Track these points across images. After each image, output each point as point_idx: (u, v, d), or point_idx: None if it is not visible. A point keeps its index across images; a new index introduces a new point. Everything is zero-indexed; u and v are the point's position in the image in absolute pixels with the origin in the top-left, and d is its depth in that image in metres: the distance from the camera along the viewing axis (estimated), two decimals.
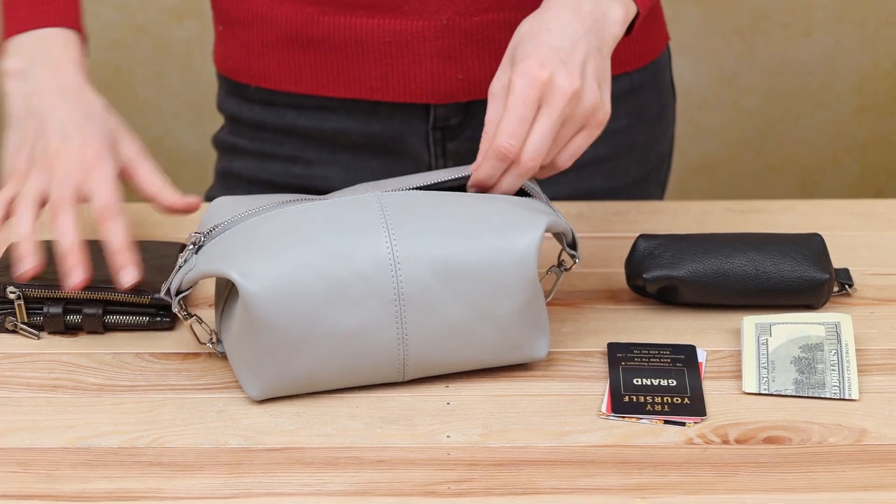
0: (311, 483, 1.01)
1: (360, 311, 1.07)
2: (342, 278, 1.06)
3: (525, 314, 1.10)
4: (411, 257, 1.07)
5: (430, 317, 1.08)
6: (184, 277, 1.09)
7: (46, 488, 1.01)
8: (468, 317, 1.09)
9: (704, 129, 2.57)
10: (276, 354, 1.07)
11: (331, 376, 1.09)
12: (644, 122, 1.46)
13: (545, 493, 1.00)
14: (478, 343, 1.10)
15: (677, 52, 2.48)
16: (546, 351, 1.13)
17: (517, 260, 1.08)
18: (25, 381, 1.13)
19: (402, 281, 1.07)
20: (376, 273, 1.07)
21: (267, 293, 1.05)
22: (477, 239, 1.08)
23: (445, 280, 1.07)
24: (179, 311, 1.11)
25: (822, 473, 1.02)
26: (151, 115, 2.55)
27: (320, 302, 1.06)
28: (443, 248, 1.08)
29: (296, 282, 1.05)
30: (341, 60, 1.35)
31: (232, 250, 1.08)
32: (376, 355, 1.08)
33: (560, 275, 1.17)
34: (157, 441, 1.06)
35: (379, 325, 1.07)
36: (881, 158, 2.60)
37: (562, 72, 1.12)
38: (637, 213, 1.41)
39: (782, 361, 1.14)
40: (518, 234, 1.09)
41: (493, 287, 1.08)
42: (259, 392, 1.09)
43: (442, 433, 1.07)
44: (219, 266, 1.07)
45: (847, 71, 2.53)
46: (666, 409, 1.09)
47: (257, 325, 1.06)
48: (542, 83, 1.12)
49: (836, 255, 1.30)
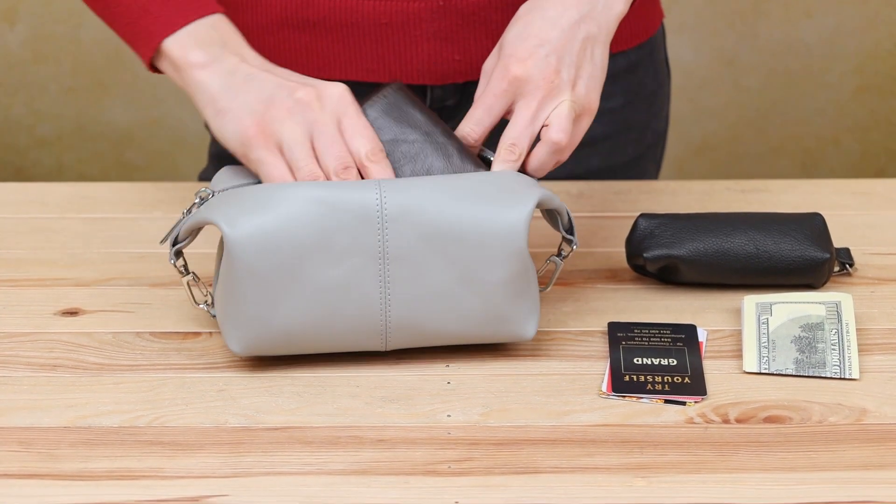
0: (312, 462, 1.01)
1: (344, 265, 1.07)
2: (326, 228, 1.06)
3: (512, 287, 1.10)
4: (399, 216, 1.07)
5: (415, 278, 1.08)
6: (181, 227, 1.10)
7: (47, 467, 1.01)
8: (453, 282, 1.08)
9: (705, 109, 2.56)
10: (258, 304, 1.07)
11: (311, 332, 1.09)
12: (641, 100, 1.46)
13: (546, 472, 1.00)
14: (463, 311, 1.10)
15: (678, 33, 2.47)
16: (534, 331, 1.12)
17: (506, 229, 1.08)
18: (26, 361, 1.13)
19: (388, 239, 1.07)
20: (362, 227, 1.07)
21: (249, 240, 1.06)
22: (468, 205, 1.08)
23: (433, 242, 1.08)
24: (176, 264, 1.11)
25: (822, 453, 1.02)
26: (151, 95, 2.55)
27: (303, 251, 1.06)
28: (433, 210, 1.08)
29: (279, 229, 1.06)
30: (338, 42, 1.35)
31: (227, 203, 1.09)
32: (358, 313, 1.08)
33: (559, 265, 1.17)
34: (157, 420, 1.06)
35: (362, 281, 1.07)
36: (882, 139, 2.60)
37: (538, 67, 1.14)
38: (637, 192, 1.41)
39: (783, 341, 1.14)
40: (509, 205, 1.09)
41: (481, 254, 1.08)
42: (240, 345, 1.09)
43: (442, 412, 1.07)
44: (208, 214, 1.08)
45: (848, 51, 2.53)
46: (666, 388, 1.09)
47: (239, 273, 1.06)
48: (514, 78, 1.14)
49: (836, 235, 1.29)
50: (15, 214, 1.37)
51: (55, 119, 2.56)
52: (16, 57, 2.52)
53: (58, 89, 2.54)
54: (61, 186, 1.44)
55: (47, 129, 2.57)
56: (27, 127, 2.57)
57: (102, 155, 2.60)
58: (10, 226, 1.35)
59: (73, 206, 1.39)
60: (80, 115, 2.56)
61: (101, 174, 2.60)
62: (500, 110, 1.15)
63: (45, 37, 2.50)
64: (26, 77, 2.53)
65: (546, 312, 1.20)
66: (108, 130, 2.58)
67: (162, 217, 1.35)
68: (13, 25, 2.50)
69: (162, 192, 1.41)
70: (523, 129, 1.14)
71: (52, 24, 2.50)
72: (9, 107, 2.55)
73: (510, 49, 1.15)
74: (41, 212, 1.38)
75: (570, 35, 1.15)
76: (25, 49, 2.51)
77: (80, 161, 2.60)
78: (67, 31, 2.50)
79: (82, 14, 2.48)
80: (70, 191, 1.42)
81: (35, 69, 2.53)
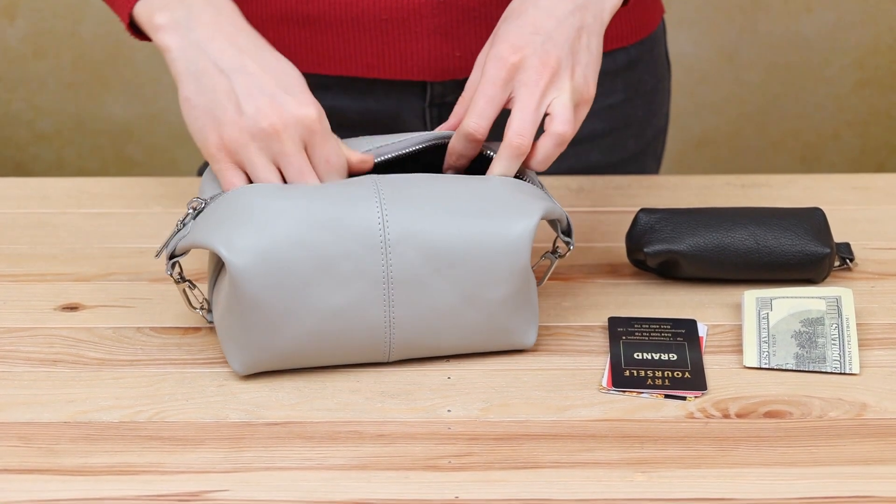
0: (312, 457, 1.01)
1: (348, 290, 1.06)
2: (330, 255, 1.05)
3: (515, 301, 1.10)
4: (403, 239, 1.06)
5: (419, 300, 1.07)
6: (178, 243, 1.09)
7: (47, 462, 1.01)
8: (457, 302, 1.08)
9: (705, 103, 2.56)
10: (261, 329, 1.06)
11: (315, 354, 1.08)
12: (641, 95, 1.46)
13: (546, 468, 1.00)
14: (465, 328, 1.09)
15: (678, 27, 2.47)
16: (534, 338, 1.12)
17: (510, 247, 1.08)
18: (26, 356, 1.13)
19: (392, 263, 1.06)
20: (366, 252, 1.06)
21: (253, 268, 1.04)
22: (471, 223, 1.07)
23: (436, 264, 1.07)
24: (173, 274, 1.10)
25: (822, 447, 1.02)
26: (150, 90, 2.55)
27: (307, 278, 1.05)
28: (435, 231, 1.06)
29: (282, 257, 1.05)
30: (337, 38, 1.35)
31: (222, 221, 1.07)
32: (362, 336, 1.08)
33: (554, 261, 1.16)
34: (157, 415, 1.06)
35: (366, 305, 1.06)
36: (882, 133, 2.60)
37: (537, 54, 1.12)
38: (638, 187, 1.41)
39: (783, 336, 1.14)
40: (513, 221, 1.08)
41: (485, 273, 1.07)
42: (242, 367, 1.09)
43: (442, 407, 1.07)
44: (206, 238, 1.06)
45: (848, 46, 2.52)
46: (666, 383, 1.09)
47: (243, 299, 1.05)
48: (512, 66, 1.11)
49: (836, 230, 1.29)
50: (15, 209, 1.37)
51: (55, 114, 2.56)
52: (15, 52, 2.52)
53: (57, 84, 2.54)
54: (61, 181, 1.44)
55: (47, 125, 2.57)
56: (27, 122, 2.57)
57: (102, 150, 2.60)
58: (10, 221, 1.35)
59: (73, 201, 1.39)
60: (80, 111, 2.56)
61: (101, 169, 2.60)
62: (503, 100, 1.12)
63: (45, 32, 2.50)
64: (26, 72, 2.53)
65: (546, 307, 1.19)
66: (108, 125, 2.58)
67: (162, 212, 1.35)
68: (13, 21, 2.50)
69: (162, 186, 1.41)
70: (529, 119, 1.11)
71: (51, 19, 2.50)
72: (9, 102, 2.55)
73: (505, 37, 1.13)
74: (41, 207, 1.38)
75: (565, 24, 1.14)
76: (25, 44, 2.51)
77: (79, 156, 2.60)
78: (67, 27, 2.50)
79: (82, 9, 2.48)
80: (70, 186, 1.42)
81: (35, 64, 2.53)
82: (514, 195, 1.10)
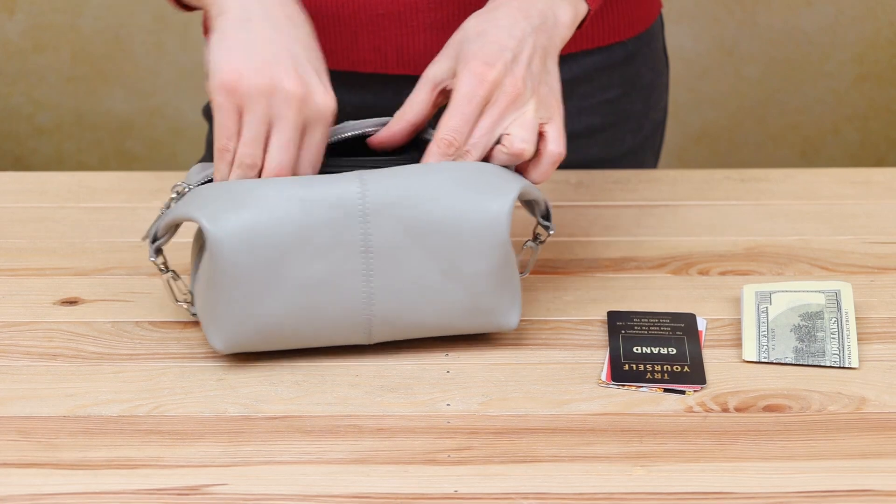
0: (311, 451, 1.02)
1: (326, 260, 1.07)
2: (309, 224, 1.06)
3: (495, 278, 1.10)
4: (382, 208, 1.07)
5: (399, 272, 1.08)
6: (160, 224, 1.10)
7: (46, 456, 1.01)
8: (437, 275, 1.08)
9: (705, 97, 2.56)
10: (241, 302, 1.07)
11: (294, 328, 1.08)
12: (638, 90, 1.46)
13: (545, 462, 1.00)
14: (446, 303, 1.09)
15: (678, 21, 2.47)
16: (517, 321, 1.12)
17: (488, 221, 1.08)
18: (25, 350, 1.13)
19: (370, 232, 1.07)
20: (345, 221, 1.06)
21: (231, 236, 1.05)
22: (450, 194, 1.08)
23: (415, 234, 1.07)
24: (156, 261, 1.10)
25: (821, 441, 1.02)
26: (150, 84, 2.54)
27: (285, 247, 1.06)
28: (415, 201, 1.07)
29: (261, 226, 1.05)
30: (335, 32, 1.35)
31: (206, 199, 1.08)
32: (341, 307, 1.08)
33: (537, 248, 1.16)
34: (156, 409, 1.06)
35: (345, 275, 1.07)
36: (882, 127, 2.59)
37: (509, 73, 1.12)
38: (637, 181, 1.41)
39: (782, 330, 1.14)
40: (491, 197, 1.08)
41: (463, 246, 1.08)
42: (222, 343, 1.09)
43: (442, 401, 1.07)
44: (188, 211, 1.07)
45: (848, 40, 2.52)
46: (666, 377, 1.09)
47: (221, 270, 1.06)
48: (492, 83, 1.11)
49: (836, 224, 1.29)
50: (14, 204, 1.37)
51: (54, 108, 2.56)
52: (15, 46, 2.51)
53: (57, 78, 2.54)
54: (60, 176, 1.44)
55: (46, 119, 2.57)
56: (26, 116, 2.57)
57: (102, 144, 2.59)
58: (9, 215, 1.35)
59: (73, 196, 1.39)
60: (80, 105, 2.56)
61: (101, 163, 2.60)
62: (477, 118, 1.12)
63: (45, 26, 2.50)
64: (26, 66, 2.53)
65: (546, 301, 1.20)
66: (108, 120, 2.58)
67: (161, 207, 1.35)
68: (12, 14, 2.50)
69: (161, 181, 1.41)
70: (480, 137, 1.12)
71: (51, 13, 2.49)
72: (8, 96, 2.55)
73: (475, 52, 1.12)
74: (40, 201, 1.38)
75: (525, 44, 1.14)
76: (25, 38, 2.51)
77: (79, 150, 2.60)
78: (67, 21, 2.50)
79: (82, 4, 2.48)
80: (69, 180, 1.42)
81: (34, 58, 2.52)
82: (492, 174, 1.10)
